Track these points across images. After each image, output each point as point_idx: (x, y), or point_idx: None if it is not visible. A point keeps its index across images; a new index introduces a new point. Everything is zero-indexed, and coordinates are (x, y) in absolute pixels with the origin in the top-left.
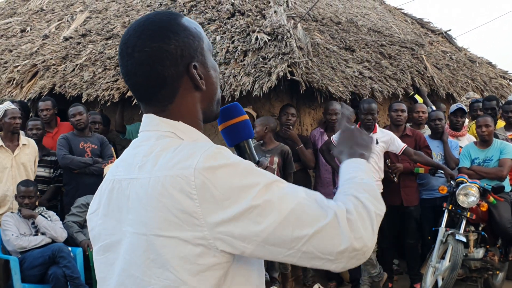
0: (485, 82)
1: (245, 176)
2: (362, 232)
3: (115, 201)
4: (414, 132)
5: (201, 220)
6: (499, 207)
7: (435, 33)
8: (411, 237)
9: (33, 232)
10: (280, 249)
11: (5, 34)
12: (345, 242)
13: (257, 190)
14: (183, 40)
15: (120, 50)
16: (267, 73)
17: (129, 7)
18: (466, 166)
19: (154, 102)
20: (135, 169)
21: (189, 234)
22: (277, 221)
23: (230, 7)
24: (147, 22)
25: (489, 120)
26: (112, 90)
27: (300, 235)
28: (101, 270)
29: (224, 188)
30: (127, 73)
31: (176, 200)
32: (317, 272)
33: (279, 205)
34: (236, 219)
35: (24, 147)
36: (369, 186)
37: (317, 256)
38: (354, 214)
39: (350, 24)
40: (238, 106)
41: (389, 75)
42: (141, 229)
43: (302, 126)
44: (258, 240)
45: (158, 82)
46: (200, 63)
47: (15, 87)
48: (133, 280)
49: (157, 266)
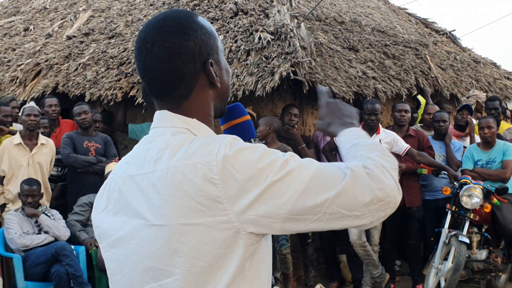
0: (489, 82)
1: (263, 156)
2: (384, 181)
3: (126, 198)
4: (417, 133)
5: (225, 204)
6: (503, 209)
7: (439, 33)
8: (413, 238)
9: (36, 231)
10: (306, 217)
11: (8, 33)
12: (369, 194)
13: (276, 167)
14: (201, 37)
15: (138, 46)
16: (270, 73)
17: (132, 6)
18: (469, 167)
19: (170, 98)
20: (150, 163)
21: (213, 219)
22: (299, 190)
23: (233, 6)
24: (167, 19)
25: (491, 121)
26: (115, 90)
27: (324, 198)
28: (109, 266)
29: (245, 170)
30: (145, 68)
31: (198, 187)
32: (319, 272)
33: (297, 175)
34: (260, 198)
35: (42, 146)
36: (376, 146)
37: (344, 215)
38: (372, 168)
39: (353, 23)
40: (240, 106)
41: (393, 75)
42: (160, 220)
43: (304, 126)
44: (283, 212)
45: (176, 78)
46: (215, 61)
47: (18, 86)
48: (153, 272)
49: (180, 255)
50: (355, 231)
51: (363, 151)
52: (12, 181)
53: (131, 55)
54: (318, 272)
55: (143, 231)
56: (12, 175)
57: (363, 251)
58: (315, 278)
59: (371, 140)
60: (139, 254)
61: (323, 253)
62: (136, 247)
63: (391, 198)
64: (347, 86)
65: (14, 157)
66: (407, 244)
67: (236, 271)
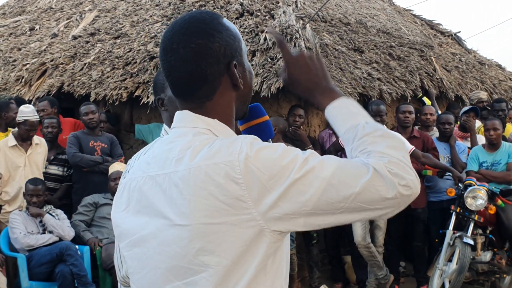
0: (494, 84)
1: (284, 155)
2: (405, 177)
3: (148, 198)
4: (422, 134)
5: (249, 203)
6: (507, 210)
7: (445, 35)
8: (418, 239)
9: (40, 231)
10: (329, 211)
11: (14, 33)
12: (392, 190)
13: (297, 164)
14: (226, 39)
15: (164, 46)
16: (275, 74)
17: (138, 6)
18: (474, 169)
19: (193, 99)
20: (172, 163)
21: (237, 218)
22: (322, 187)
23: (239, 7)
24: (192, 20)
25: (497, 123)
26: (120, 90)
27: (347, 194)
28: (130, 265)
29: (267, 169)
30: (170, 68)
31: (221, 186)
32: (323, 273)
33: (319, 172)
34: (283, 196)
35: (36, 146)
36: (377, 132)
37: (367, 208)
38: (392, 166)
39: (359, 25)
40: (260, 107)
41: (398, 77)
42: (184, 220)
43: (310, 127)
44: (307, 209)
45: (200, 78)
46: (239, 63)
47: (23, 86)
48: (177, 271)
49: (205, 254)
50: (359, 233)
51: (370, 146)
52: (9, 182)
53: (136, 55)
54: (323, 273)
55: (166, 231)
56: (9, 177)
57: (367, 252)
58: (320, 279)
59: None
60: (162, 253)
61: (328, 254)
62: (159, 247)
63: (413, 191)
64: (352, 87)
65: (10, 159)
66: (411, 245)
67: (259, 268)
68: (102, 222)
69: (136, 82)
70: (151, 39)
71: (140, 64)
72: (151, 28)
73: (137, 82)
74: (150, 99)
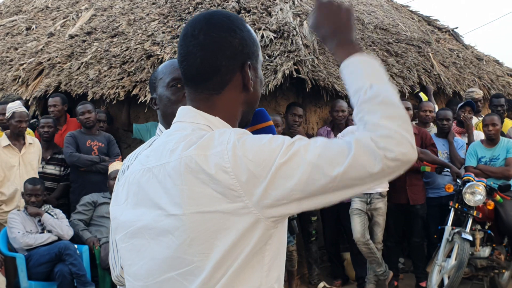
0: (492, 80)
1: (270, 141)
2: (393, 150)
3: (145, 189)
4: (420, 130)
5: (240, 192)
6: (506, 206)
7: (442, 31)
8: (417, 235)
9: (39, 230)
10: (319, 193)
11: (11, 32)
12: (378, 163)
13: (283, 149)
14: (246, 39)
15: (185, 32)
16: (273, 71)
17: (134, 5)
18: (473, 165)
19: (202, 89)
20: (167, 154)
21: (230, 206)
22: (308, 170)
23: (236, 5)
24: (218, 13)
25: (495, 118)
26: (118, 88)
27: (333, 174)
28: (127, 257)
29: (254, 155)
30: (186, 54)
31: (211, 176)
32: (323, 270)
33: (304, 155)
34: (271, 183)
35: (30, 146)
36: (377, 98)
37: (356, 184)
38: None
39: (356, 21)
40: (264, 111)
41: (396, 73)
42: (177, 210)
43: (308, 124)
44: (296, 194)
45: (213, 68)
46: (253, 67)
47: (20, 85)
48: (172, 261)
49: (199, 243)
50: (358, 229)
51: (367, 115)
52: (5, 183)
53: (133, 54)
54: (322, 270)
55: (162, 221)
56: (4, 177)
57: (366, 249)
58: (319, 276)
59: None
60: (158, 244)
61: (327, 251)
62: (155, 237)
63: (403, 162)
64: None
65: (4, 159)
66: (410, 241)
67: (252, 256)
68: (101, 221)
69: (134, 81)
70: (148, 38)
71: (137, 62)
72: (148, 27)
73: (134, 81)
74: (147, 98)
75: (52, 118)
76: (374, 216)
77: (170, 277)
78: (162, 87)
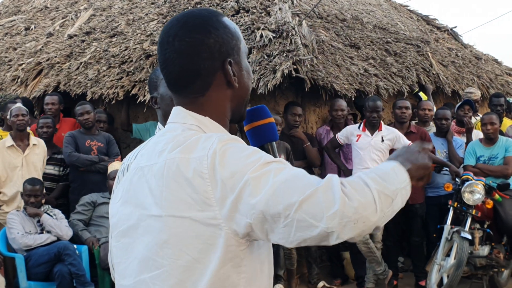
0: (490, 79)
1: (250, 155)
2: (355, 199)
3: (135, 188)
4: (419, 130)
5: (212, 200)
6: (505, 205)
7: (441, 30)
8: (416, 234)
9: (38, 230)
10: (277, 220)
11: (10, 32)
12: (336, 206)
13: (256, 165)
14: (222, 36)
15: (161, 39)
16: (271, 71)
17: (133, 5)
18: (471, 163)
19: (186, 93)
20: (156, 155)
21: (200, 214)
22: (270, 192)
23: (235, 4)
24: (190, 15)
25: (494, 117)
26: (117, 88)
27: (292, 201)
28: (117, 255)
29: (229, 166)
30: (164, 61)
31: (188, 180)
32: (322, 269)
33: (274, 177)
34: (239, 196)
35: (34, 147)
36: (379, 170)
37: (311, 224)
38: (350, 185)
39: (355, 21)
40: (265, 108)
41: (395, 72)
42: (157, 211)
43: (307, 124)
44: (256, 212)
45: (193, 73)
46: (235, 62)
47: (19, 85)
48: (146, 263)
49: (169, 247)
50: None
51: (363, 173)
52: (7, 183)
53: (132, 54)
54: (321, 269)
55: (144, 221)
56: (7, 178)
57: (366, 248)
58: (318, 275)
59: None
60: (140, 243)
61: (326, 250)
62: (140, 237)
63: (360, 217)
64: (348, 84)
65: (7, 160)
66: (410, 241)
67: (220, 272)
68: (100, 221)
69: (133, 81)
70: (147, 37)
71: (136, 62)
72: (146, 26)
73: (133, 81)
74: (146, 98)
75: (51, 118)
76: None
77: (142, 280)
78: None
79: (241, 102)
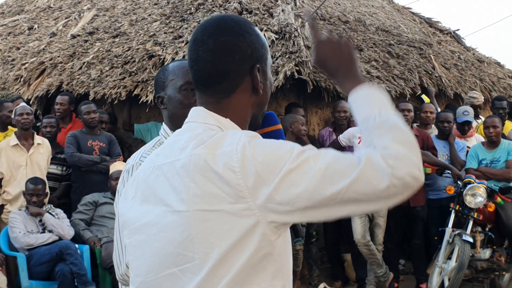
0: (493, 82)
1: (280, 146)
2: (402, 170)
3: (153, 187)
4: (421, 132)
5: (245, 192)
6: (506, 208)
7: (444, 33)
8: (417, 237)
9: (40, 230)
10: (324, 204)
11: (13, 32)
12: (386, 180)
13: (292, 155)
14: (254, 43)
15: (195, 37)
16: (274, 72)
17: (137, 5)
18: (474, 167)
19: (212, 92)
20: (177, 152)
21: (233, 206)
22: (315, 178)
23: (238, 6)
24: (226, 17)
25: (496, 121)
26: (119, 88)
27: (340, 186)
28: (130, 252)
29: (263, 158)
30: (196, 58)
31: (219, 175)
32: (323, 271)
33: (314, 164)
34: (277, 188)
35: (38, 146)
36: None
37: (360, 200)
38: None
39: (358, 23)
40: (273, 115)
41: (397, 75)
42: (182, 206)
43: (309, 125)
44: (301, 201)
45: (222, 73)
46: (262, 70)
47: (22, 85)
48: (174, 258)
49: (200, 241)
50: (359, 231)
51: (376, 139)
52: (11, 182)
53: (135, 54)
54: (322, 271)
55: (166, 217)
56: (11, 177)
57: (367, 250)
58: (319, 277)
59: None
60: (161, 240)
61: (327, 252)
62: (158, 233)
63: (409, 184)
64: None
65: (11, 159)
66: (411, 243)
67: (253, 261)
68: (102, 221)
69: (135, 81)
70: (150, 38)
71: (139, 63)
72: (149, 27)
73: (136, 81)
74: (149, 98)
75: (55, 118)
76: (375, 218)
77: (172, 273)
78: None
79: (261, 110)
